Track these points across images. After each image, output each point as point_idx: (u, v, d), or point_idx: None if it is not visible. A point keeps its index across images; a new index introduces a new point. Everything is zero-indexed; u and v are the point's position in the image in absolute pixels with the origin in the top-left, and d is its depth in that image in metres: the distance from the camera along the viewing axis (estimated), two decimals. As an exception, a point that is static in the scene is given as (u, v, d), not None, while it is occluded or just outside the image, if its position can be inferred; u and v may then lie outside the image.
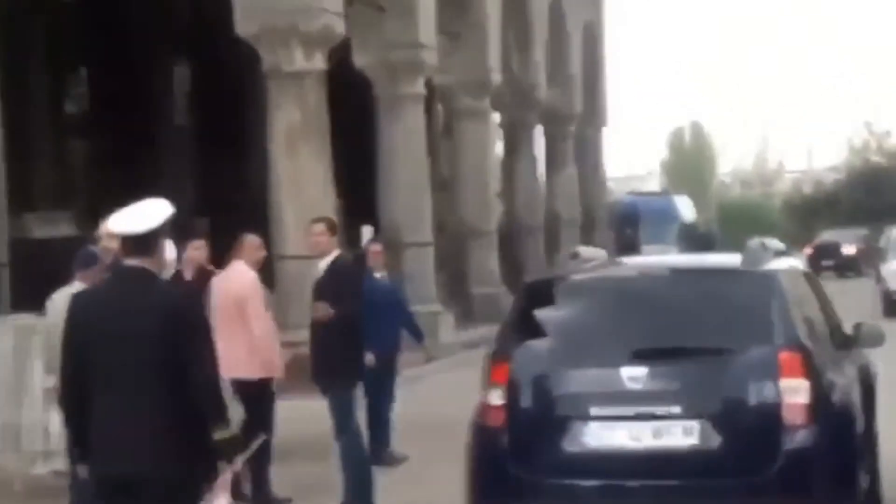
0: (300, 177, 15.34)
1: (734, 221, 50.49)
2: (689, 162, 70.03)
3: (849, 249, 38.23)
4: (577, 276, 6.42)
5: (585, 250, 6.92)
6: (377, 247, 10.82)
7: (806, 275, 7.00)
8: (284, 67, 15.29)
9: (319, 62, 15.50)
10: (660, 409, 5.80)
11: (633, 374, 5.82)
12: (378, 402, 9.98)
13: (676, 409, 5.79)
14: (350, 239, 18.44)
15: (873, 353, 7.21)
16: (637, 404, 5.81)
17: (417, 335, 10.77)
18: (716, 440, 5.75)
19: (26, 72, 21.16)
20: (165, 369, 4.43)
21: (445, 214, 22.87)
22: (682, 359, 5.87)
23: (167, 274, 5.96)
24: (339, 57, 16.84)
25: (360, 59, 18.60)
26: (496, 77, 22.98)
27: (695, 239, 30.84)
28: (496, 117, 28.29)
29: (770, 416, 5.71)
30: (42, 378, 9.16)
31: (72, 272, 7.47)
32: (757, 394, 5.76)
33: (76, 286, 7.32)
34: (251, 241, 8.86)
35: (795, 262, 7.01)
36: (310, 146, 15.43)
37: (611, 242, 32.69)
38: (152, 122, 23.52)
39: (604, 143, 34.29)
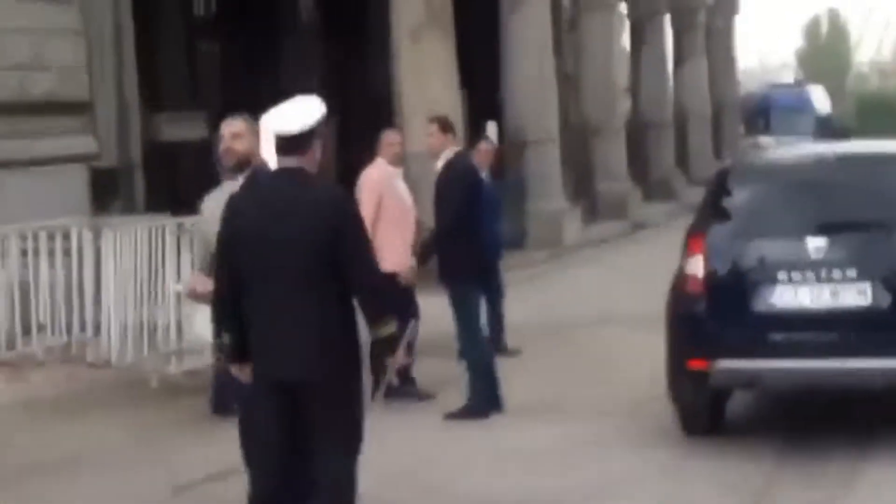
0: (424, 70, 15.37)
1: (872, 113, 48.95)
2: (826, 52, 67.95)
3: None
4: (763, 161, 7.86)
5: (764, 140, 8.00)
6: (487, 145, 10.76)
7: None
8: (409, -36, 15.23)
9: (445, -43, 15.40)
10: (837, 274, 6.94)
11: (815, 244, 6.96)
12: (489, 301, 9.87)
13: (852, 273, 6.92)
14: (474, 135, 18.43)
15: None
16: (817, 269, 6.95)
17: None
18: (885, 300, 6.87)
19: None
20: (328, 271, 4.45)
21: (570, 110, 22.57)
22: (855, 231, 7.02)
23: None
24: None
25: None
26: (624, -31, 22.50)
27: (830, 131, 30.04)
28: (623, 8, 27.72)
29: None
30: (175, 278, 9.36)
31: (216, 173, 7.62)
32: None
33: (227, 187, 7.36)
34: (387, 136, 9.04)
35: None
36: (434, 38, 15.46)
37: (740, 134, 32.10)
38: (279, 22, 23.58)
39: (735, 33, 33.46)
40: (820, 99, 34.26)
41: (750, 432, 7.52)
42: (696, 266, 7.16)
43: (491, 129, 16.42)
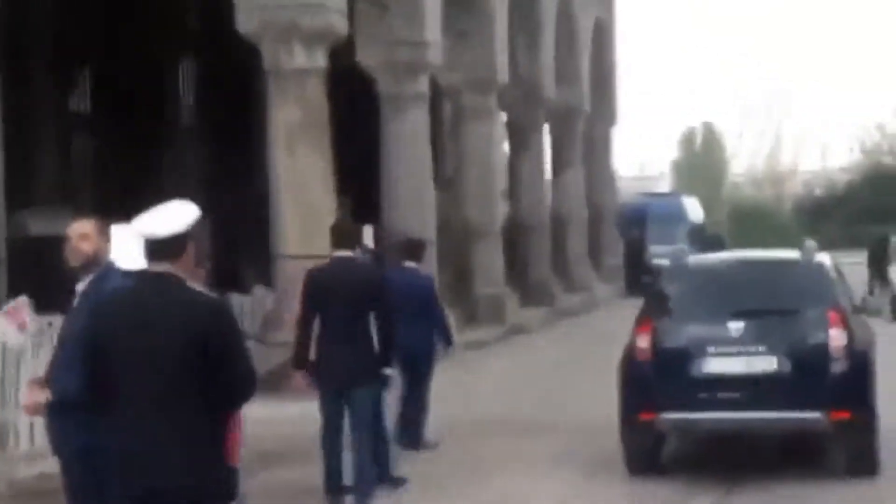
0: (300, 176, 15.34)
1: (745, 222, 50.35)
2: (701, 162, 69.85)
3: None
4: (689, 264, 10.24)
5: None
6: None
7: (835, 265, 10.36)
8: (285, 65, 15.26)
9: (320, 60, 15.47)
10: (751, 348, 9.29)
11: (734, 326, 9.34)
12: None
13: (762, 348, 9.27)
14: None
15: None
16: (736, 345, 9.31)
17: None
18: (787, 367, 9.22)
19: (30, 67, 21.16)
20: (197, 385, 4.38)
21: (450, 213, 22.81)
22: (763, 316, 9.42)
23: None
24: (342, 55, 16.80)
25: (364, 57, 18.57)
26: (503, 76, 22.94)
27: (703, 240, 30.78)
28: (503, 116, 28.27)
29: (822, 351, 9.23)
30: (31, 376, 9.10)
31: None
32: (813, 337, 9.29)
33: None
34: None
35: (826, 257, 10.26)
36: (310, 145, 15.42)
37: (617, 241, 32.68)
38: (159, 121, 23.51)
39: (614, 142, 34.26)
40: (694, 209, 35.16)
41: (684, 471, 9.90)
42: (645, 341, 9.57)
43: (367, 232, 16.48)
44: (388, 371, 8.78)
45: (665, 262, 10.55)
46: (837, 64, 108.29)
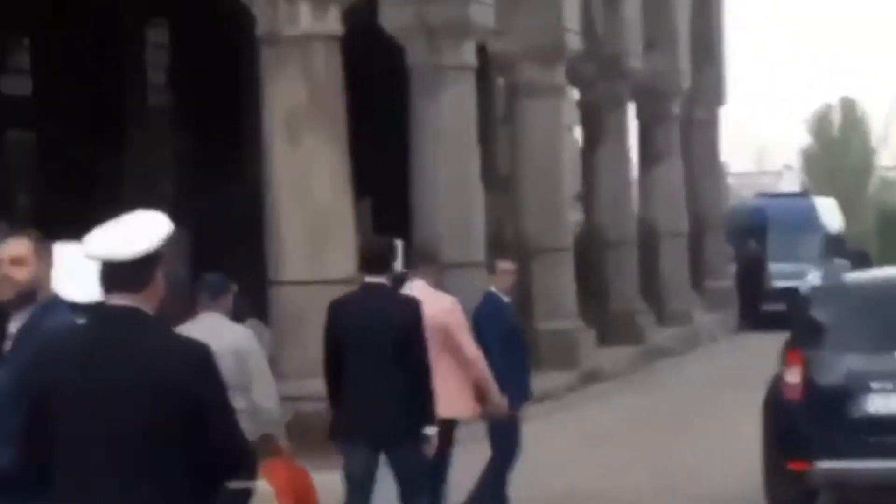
0: (305, 174, 15.43)
1: (898, 231, 49.97)
2: (839, 152, 69.58)
3: None
4: (847, 282, 11.42)
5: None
6: (504, 265, 11.77)
7: None
8: (286, 30, 15.36)
9: (333, 23, 15.56)
10: None
11: None
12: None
13: None
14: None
15: None
16: None
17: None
18: None
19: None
20: (172, 450, 4.44)
21: (504, 225, 22.78)
22: None
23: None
24: (360, 16, 16.88)
25: (390, 19, 18.65)
26: (574, 41, 22.95)
27: (843, 256, 30.64)
28: (573, 94, 28.24)
29: None
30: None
31: (194, 303, 8.73)
32: None
33: (205, 321, 8.66)
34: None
35: None
36: (318, 133, 15.49)
37: (727, 258, 32.57)
38: (116, 104, 23.67)
39: (721, 128, 34.20)
40: (829, 214, 35.01)
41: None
42: (795, 376, 10.39)
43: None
44: (429, 431, 9.21)
45: (791, 284, 12.32)
46: None
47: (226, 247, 19.49)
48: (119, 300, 4.52)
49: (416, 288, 10.01)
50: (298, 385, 13.67)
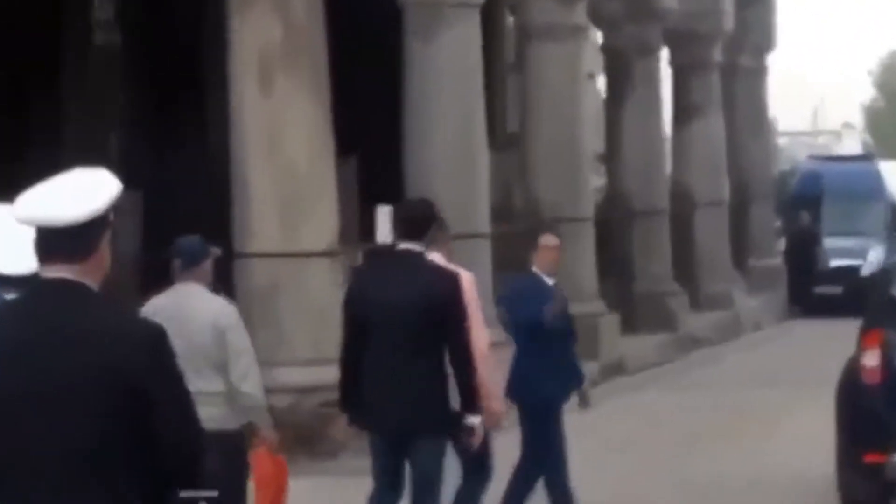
0: (279, 126, 15.49)
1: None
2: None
3: None
4: None
5: None
6: (548, 240, 12.00)
7: None
8: (257, -44, 15.46)
9: (312, -52, 15.64)
10: None
11: None
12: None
13: None
14: (365, 225, 18.51)
15: None
16: None
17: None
18: None
19: None
20: (121, 450, 4.46)
21: (512, 191, 22.79)
22: None
23: None
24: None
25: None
26: (596, -27, 22.97)
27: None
28: (596, 37, 28.21)
29: None
30: None
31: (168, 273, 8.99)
32: None
33: (179, 292, 8.91)
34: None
35: None
36: (295, 78, 15.56)
37: (775, 232, 32.57)
38: (51, 41, 23.65)
39: (770, 79, 34.20)
40: (896, 179, 35.03)
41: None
42: (873, 358, 10.94)
43: (382, 218, 16.52)
44: (473, 421, 9.55)
45: (850, 263, 12.80)
46: None
47: (184, 212, 19.48)
48: (57, 272, 4.53)
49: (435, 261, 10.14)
50: (269, 375, 13.67)
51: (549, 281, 11.69)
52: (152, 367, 4.49)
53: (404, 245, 9.61)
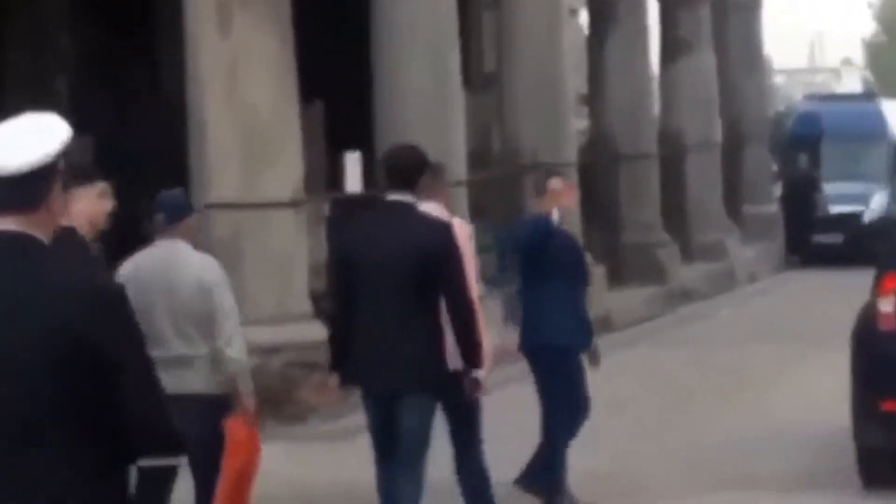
0: (240, 68, 15.49)
1: None
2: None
3: None
4: None
5: None
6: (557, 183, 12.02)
7: None
8: None
9: None
10: None
11: None
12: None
13: None
14: (332, 173, 18.47)
15: None
16: None
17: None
18: None
19: None
20: (59, 418, 4.45)
21: (490, 135, 22.76)
22: None
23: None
24: None
25: None
26: None
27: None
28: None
29: None
30: None
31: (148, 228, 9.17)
32: None
33: (161, 249, 9.14)
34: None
35: None
36: (256, 17, 15.57)
37: (771, 176, 32.60)
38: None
39: (765, 12, 34.19)
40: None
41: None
42: (890, 304, 11.35)
43: (352, 162, 16.51)
44: (478, 374, 9.73)
45: (851, 209, 13.16)
46: None
47: (139, 160, 19.46)
48: (4, 225, 4.54)
49: (431, 211, 10.16)
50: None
51: (558, 224, 11.76)
52: (108, 328, 4.48)
53: (394, 196, 9.64)
